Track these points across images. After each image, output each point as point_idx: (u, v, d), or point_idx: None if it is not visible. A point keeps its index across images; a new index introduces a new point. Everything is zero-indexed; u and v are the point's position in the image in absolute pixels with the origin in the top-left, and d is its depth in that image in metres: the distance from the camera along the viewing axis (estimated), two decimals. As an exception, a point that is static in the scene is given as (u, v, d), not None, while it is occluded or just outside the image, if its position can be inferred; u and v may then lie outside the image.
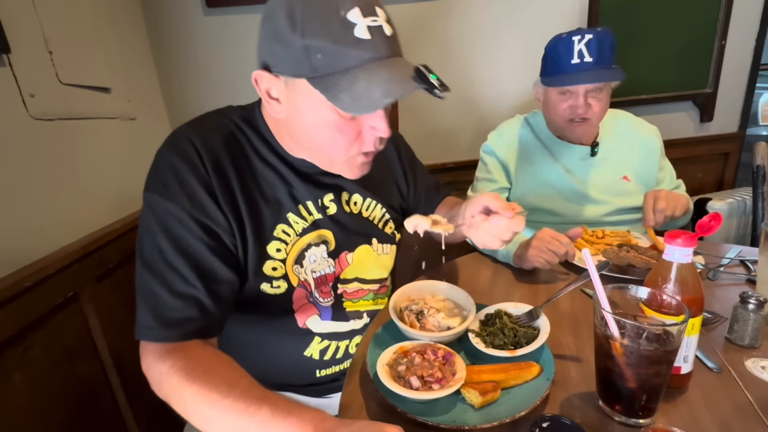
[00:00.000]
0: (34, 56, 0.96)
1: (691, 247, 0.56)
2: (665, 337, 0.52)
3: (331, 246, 0.79)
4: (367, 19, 0.58)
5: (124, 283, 1.11)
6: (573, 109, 1.13)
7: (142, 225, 0.65)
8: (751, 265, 0.94)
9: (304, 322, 0.78)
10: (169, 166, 0.65)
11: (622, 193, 1.22)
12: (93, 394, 1.00)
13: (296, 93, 0.64)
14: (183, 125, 0.72)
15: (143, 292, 0.63)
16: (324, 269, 0.79)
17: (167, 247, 0.63)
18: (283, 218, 0.74)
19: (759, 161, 1.49)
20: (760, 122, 2.34)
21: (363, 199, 0.85)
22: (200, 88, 1.61)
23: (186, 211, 0.64)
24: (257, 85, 0.66)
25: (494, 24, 1.67)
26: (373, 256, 0.85)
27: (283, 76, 0.63)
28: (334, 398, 0.85)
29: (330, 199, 0.80)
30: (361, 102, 0.58)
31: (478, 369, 0.63)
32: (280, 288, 0.74)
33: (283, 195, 0.74)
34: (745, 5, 1.76)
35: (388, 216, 0.89)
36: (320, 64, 0.58)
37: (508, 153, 1.28)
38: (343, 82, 0.58)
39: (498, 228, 0.71)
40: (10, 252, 0.84)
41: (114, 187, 1.19)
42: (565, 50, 1.10)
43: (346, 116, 0.64)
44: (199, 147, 0.67)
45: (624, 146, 1.24)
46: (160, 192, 0.64)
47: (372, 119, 0.65)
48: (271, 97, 0.67)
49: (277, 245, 0.73)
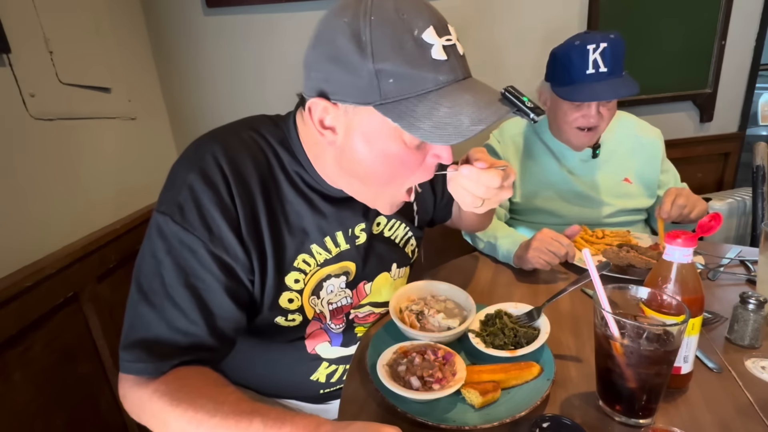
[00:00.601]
0: (34, 56, 0.96)
1: (691, 247, 0.56)
2: (665, 337, 0.52)
3: (351, 277, 0.74)
4: (443, 39, 0.53)
5: (124, 283, 1.11)
6: (585, 118, 1.11)
7: (147, 247, 0.59)
8: (751, 265, 0.94)
9: (313, 348, 0.75)
10: (189, 189, 0.58)
11: (624, 195, 1.22)
12: (93, 394, 1.00)
13: (357, 122, 0.57)
14: (206, 138, 0.64)
15: (136, 322, 0.57)
16: (341, 300, 0.74)
17: (173, 281, 0.57)
18: (306, 248, 0.68)
19: (759, 161, 1.50)
20: (760, 122, 2.34)
21: (387, 219, 0.80)
22: (200, 88, 1.61)
23: (203, 244, 0.58)
24: (310, 114, 0.59)
25: (494, 23, 1.67)
26: (389, 282, 0.81)
27: (344, 104, 0.56)
28: (333, 404, 0.84)
29: (361, 228, 0.74)
30: (447, 130, 0.51)
31: (478, 369, 0.63)
32: (294, 321, 0.70)
33: (309, 224, 0.68)
34: (745, 5, 1.76)
35: (411, 234, 0.84)
36: (391, 89, 0.52)
37: (510, 152, 1.27)
38: (421, 109, 0.52)
39: (468, 179, 0.63)
40: (10, 252, 0.84)
41: (114, 187, 1.19)
42: (579, 59, 1.05)
43: (412, 146, 0.58)
44: (227, 170, 0.60)
45: (626, 148, 1.24)
46: (176, 218, 0.57)
47: (438, 148, 0.59)
48: (325, 126, 0.59)
49: (295, 276, 0.68)
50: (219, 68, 1.60)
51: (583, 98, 1.06)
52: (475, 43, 1.68)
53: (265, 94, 1.63)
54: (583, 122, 1.11)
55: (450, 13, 0.60)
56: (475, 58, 1.70)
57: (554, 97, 1.15)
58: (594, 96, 1.05)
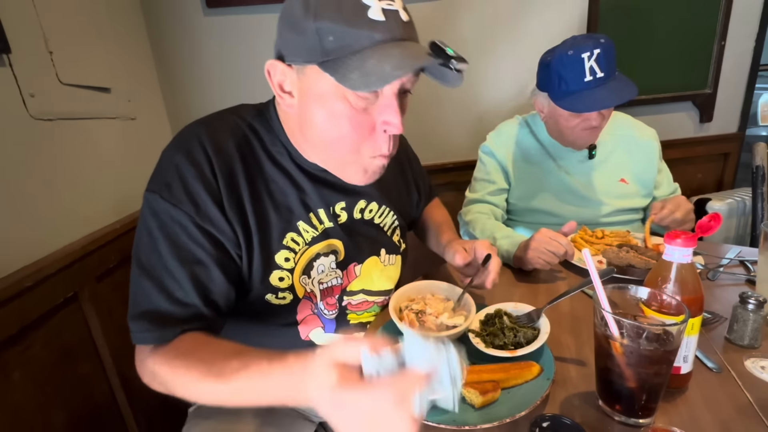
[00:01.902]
0: (34, 56, 0.96)
1: (690, 247, 0.56)
2: (665, 337, 0.52)
3: (340, 256, 0.77)
4: (383, 2, 0.57)
5: (124, 282, 1.10)
6: (587, 122, 1.10)
7: (141, 226, 0.63)
8: (751, 266, 0.94)
9: (307, 334, 0.77)
10: (176, 168, 0.62)
11: (620, 196, 1.23)
12: (93, 394, 1.00)
13: (307, 82, 0.61)
14: (193, 123, 0.68)
15: (139, 296, 0.61)
16: (331, 280, 0.77)
17: (168, 254, 0.61)
18: (293, 227, 0.71)
19: (758, 161, 1.50)
20: (759, 122, 2.34)
21: (379, 206, 0.83)
22: (200, 88, 1.61)
23: (190, 218, 0.61)
24: (270, 77, 0.64)
25: (493, 25, 1.67)
26: (380, 268, 0.83)
27: (296, 65, 0.61)
28: None
29: (342, 207, 0.77)
30: (370, 77, 0.55)
31: (478, 369, 0.63)
32: (285, 299, 0.73)
33: (294, 202, 0.71)
34: (745, 5, 1.76)
35: (397, 224, 0.87)
36: (332, 47, 0.56)
37: (507, 154, 1.28)
38: (353, 63, 0.56)
39: None
40: (10, 252, 0.84)
41: (114, 187, 1.19)
42: (575, 68, 1.04)
43: (358, 107, 0.61)
44: (210, 151, 0.64)
45: (623, 149, 1.24)
46: (164, 195, 0.61)
47: (385, 113, 0.62)
48: (284, 90, 0.64)
49: (285, 254, 0.71)
50: (219, 68, 1.60)
51: (587, 108, 1.06)
52: (475, 42, 1.68)
53: (265, 93, 1.62)
54: (585, 125, 1.12)
55: (450, 13, 0.60)
56: (475, 58, 1.70)
57: (553, 105, 1.14)
58: (599, 105, 1.05)
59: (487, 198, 1.26)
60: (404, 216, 0.91)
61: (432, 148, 1.77)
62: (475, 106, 1.77)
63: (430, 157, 1.76)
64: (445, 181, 1.78)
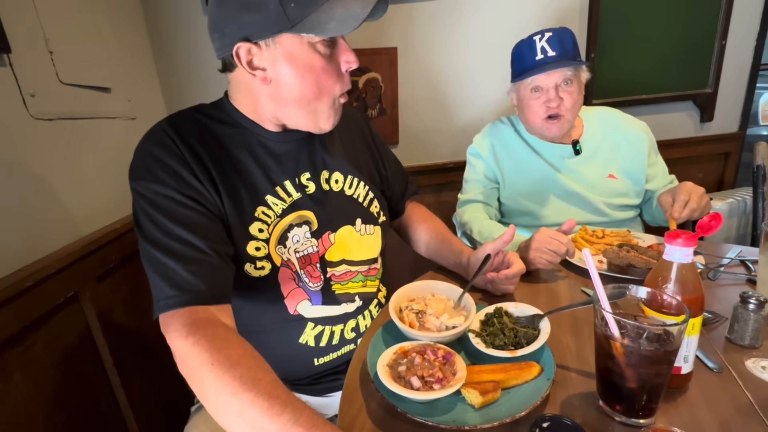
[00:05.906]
0: (34, 56, 0.96)
1: (691, 247, 0.56)
2: (665, 337, 0.52)
3: (313, 226, 0.81)
4: None
5: (124, 282, 1.11)
6: (546, 104, 1.14)
7: (137, 212, 0.68)
8: (752, 265, 0.94)
9: (295, 308, 0.80)
10: (150, 155, 0.69)
11: (610, 191, 1.23)
12: (93, 394, 1.00)
13: (278, 51, 0.68)
14: (157, 123, 0.75)
15: (157, 270, 0.63)
16: (307, 249, 0.80)
17: (167, 223, 0.65)
18: (262, 200, 0.76)
19: (759, 161, 1.50)
20: (760, 122, 2.34)
21: (344, 176, 0.86)
22: (200, 87, 1.61)
23: (175, 190, 0.67)
24: (238, 59, 0.68)
25: (490, 23, 1.66)
26: (356, 237, 0.86)
27: (263, 40, 0.67)
28: (334, 397, 0.85)
29: (307, 177, 0.81)
30: (347, 20, 0.64)
31: (478, 369, 0.63)
32: (264, 269, 0.76)
33: (259, 178, 0.77)
34: (745, 5, 1.76)
35: (372, 195, 0.90)
36: (295, 11, 0.64)
37: (494, 154, 1.29)
38: (323, 16, 0.64)
39: None
40: (10, 252, 0.84)
41: (114, 187, 1.19)
42: (528, 49, 1.14)
43: (326, 56, 0.70)
44: (173, 135, 0.71)
45: (611, 144, 1.24)
46: (146, 178, 0.67)
47: (344, 54, 0.72)
48: (255, 67, 0.69)
49: (258, 225, 0.75)
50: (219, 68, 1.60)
51: (533, 74, 1.12)
52: (468, 42, 1.68)
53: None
54: (546, 109, 1.15)
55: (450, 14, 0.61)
56: (468, 58, 1.70)
57: (520, 95, 1.21)
58: (542, 71, 1.10)
59: (480, 198, 1.28)
60: (378, 188, 0.95)
61: (432, 147, 1.78)
62: (472, 106, 1.77)
63: (430, 156, 1.77)
64: (445, 180, 1.79)
